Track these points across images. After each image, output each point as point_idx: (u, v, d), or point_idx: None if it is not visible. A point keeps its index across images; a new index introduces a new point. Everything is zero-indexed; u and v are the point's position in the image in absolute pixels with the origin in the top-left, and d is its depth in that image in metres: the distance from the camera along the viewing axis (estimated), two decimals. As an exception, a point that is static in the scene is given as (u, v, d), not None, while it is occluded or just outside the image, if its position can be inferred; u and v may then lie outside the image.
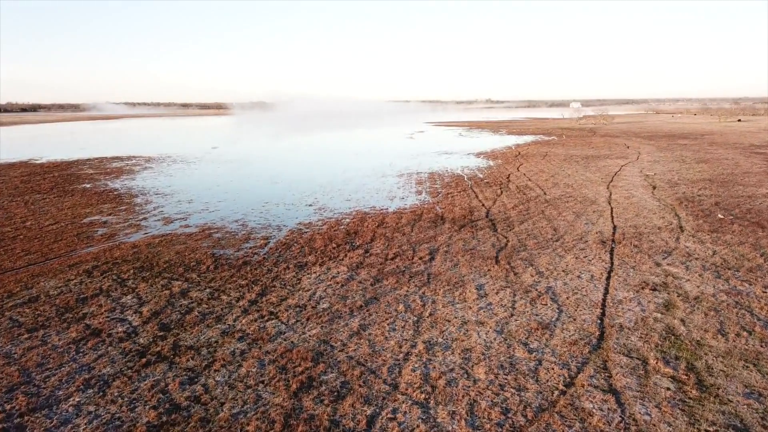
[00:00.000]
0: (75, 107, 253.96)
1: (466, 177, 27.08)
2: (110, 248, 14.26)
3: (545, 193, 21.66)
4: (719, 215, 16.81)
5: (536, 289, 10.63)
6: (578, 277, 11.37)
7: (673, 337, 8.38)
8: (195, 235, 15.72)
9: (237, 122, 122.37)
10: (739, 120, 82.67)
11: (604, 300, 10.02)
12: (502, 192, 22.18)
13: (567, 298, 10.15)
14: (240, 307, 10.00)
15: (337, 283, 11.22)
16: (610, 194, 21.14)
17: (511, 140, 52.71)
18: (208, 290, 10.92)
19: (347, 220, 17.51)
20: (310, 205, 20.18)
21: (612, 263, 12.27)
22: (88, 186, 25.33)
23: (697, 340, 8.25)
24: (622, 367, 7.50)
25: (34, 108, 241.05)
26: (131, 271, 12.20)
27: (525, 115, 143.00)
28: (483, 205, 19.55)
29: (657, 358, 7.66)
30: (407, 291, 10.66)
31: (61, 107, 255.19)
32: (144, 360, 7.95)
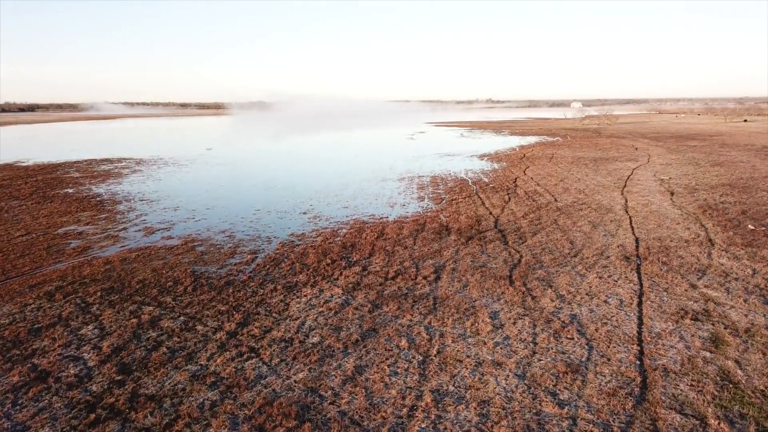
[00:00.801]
0: (73, 107, 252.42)
1: (470, 181, 25.68)
2: (80, 264, 12.85)
3: (556, 200, 20.26)
4: (749, 226, 15.41)
5: (559, 318, 9.23)
6: (605, 302, 9.97)
7: (731, 385, 6.97)
8: (176, 248, 14.32)
9: (234, 122, 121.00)
10: (745, 120, 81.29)
11: (639, 333, 8.62)
12: (510, 198, 20.78)
13: (596, 330, 8.75)
14: (216, 341, 8.60)
15: (330, 309, 9.82)
16: (626, 201, 19.74)
17: (515, 141, 51.30)
18: (182, 318, 9.51)
19: (344, 230, 16.11)
20: (305, 213, 18.77)
21: (641, 284, 10.86)
22: (70, 191, 23.92)
23: (762, 390, 6.85)
24: (676, 429, 6.10)
25: (32, 108, 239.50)
26: (98, 294, 10.80)
27: (527, 116, 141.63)
28: (490, 213, 18.15)
29: (718, 417, 6.26)
30: (411, 320, 9.26)
31: (60, 107, 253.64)
32: (93, 416, 6.55)
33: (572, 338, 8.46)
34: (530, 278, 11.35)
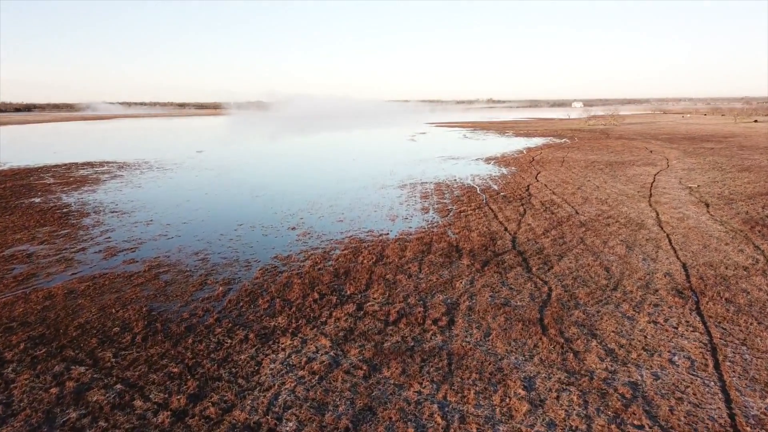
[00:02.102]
0: (70, 107, 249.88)
1: (478, 189, 23.40)
2: (15, 300, 10.57)
3: (577, 212, 17.99)
4: (813, 248, 13.14)
5: (615, 389, 6.95)
6: (671, 362, 7.70)
7: None
8: (137, 276, 12.04)
9: (230, 123, 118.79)
10: (756, 121, 79.04)
11: (731, 417, 6.34)
12: (525, 210, 18.49)
13: (670, 411, 6.47)
14: (156, 427, 6.32)
15: (314, 373, 7.54)
16: (657, 214, 17.46)
17: (521, 143, 49.03)
18: (118, 387, 7.23)
19: (337, 251, 13.83)
20: (294, 229, 16.49)
21: (709, 334, 8.59)
22: (36, 201, 21.62)
23: None
24: None
25: (28, 108, 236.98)
26: (22, 346, 8.52)
27: (529, 116, 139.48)
28: (506, 229, 15.88)
29: None
30: (419, 392, 6.98)
31: (57, 107, 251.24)
32: None
33: (641, 426, 6.18)
34: (567, 323, 9.07)
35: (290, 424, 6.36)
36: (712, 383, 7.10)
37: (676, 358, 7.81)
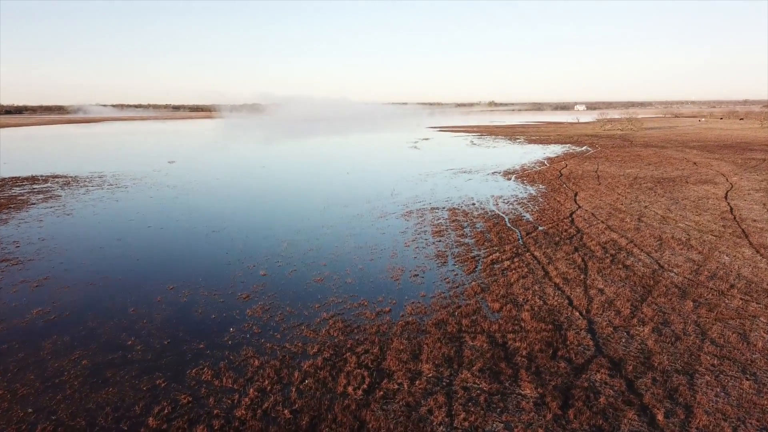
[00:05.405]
0: (61, 109, 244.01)
1: (507, 219, 17.88)
2: None
3: (661, 265, 12.48)
4: None
5: None
6: None
7: None
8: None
9: (220, 127, 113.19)
10: (783, 125, 73.53)
11: None
12: (584, 261, 12.95)
13: None
14: None
15: None
16: (784, 271, 11.94)
17: (538, 152, 43.46)
18: None
19: (306, 358, 8.29)
20: (247, 299, 10.93)
21: None
22: None
23: None
24: None
25: (19, 110, 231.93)
26: None
27: (535, 119, 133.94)
28: (570, 302, 10.34)
29: None
30: None
31: (48, 109, 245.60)
32: None
33: None
34: None
35: None
36: None
37: None
